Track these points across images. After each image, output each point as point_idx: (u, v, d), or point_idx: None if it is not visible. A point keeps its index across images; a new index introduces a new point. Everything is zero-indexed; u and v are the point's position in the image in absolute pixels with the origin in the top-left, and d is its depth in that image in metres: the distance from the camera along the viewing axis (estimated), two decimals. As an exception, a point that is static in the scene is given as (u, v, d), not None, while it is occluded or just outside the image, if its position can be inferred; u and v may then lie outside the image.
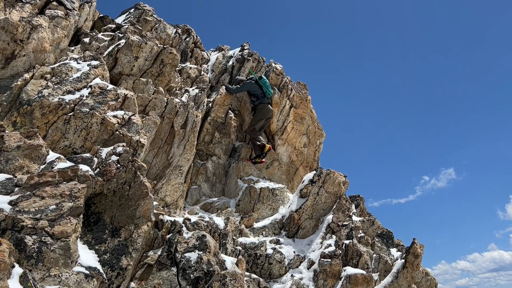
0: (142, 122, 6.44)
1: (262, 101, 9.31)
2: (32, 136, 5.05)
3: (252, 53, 10.70)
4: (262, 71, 10.57)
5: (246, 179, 8.65)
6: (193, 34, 11.02)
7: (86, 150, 5.69)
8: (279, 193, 8.34)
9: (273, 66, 10.35)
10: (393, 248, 8.87)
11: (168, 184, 7.17)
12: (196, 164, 8.53)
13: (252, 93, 9.34)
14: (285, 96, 10.02)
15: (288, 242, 7.34)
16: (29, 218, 4.13)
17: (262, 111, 9.25)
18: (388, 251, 8.54)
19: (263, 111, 9.26)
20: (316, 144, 10.90)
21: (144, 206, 5.16)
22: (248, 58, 10.43)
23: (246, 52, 10.67)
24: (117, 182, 5.13)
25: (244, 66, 10.31)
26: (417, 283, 7.83)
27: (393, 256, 8.21)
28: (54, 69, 6.33)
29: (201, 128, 8.67)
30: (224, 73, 10.45)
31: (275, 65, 10.44)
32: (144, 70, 7.81)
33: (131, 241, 4.91)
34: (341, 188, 7.91)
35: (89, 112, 5.86)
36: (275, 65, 10.45)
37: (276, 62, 10.61)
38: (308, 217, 7.60)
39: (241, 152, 9.13)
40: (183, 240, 5.48)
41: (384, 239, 8.92)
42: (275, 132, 9.84)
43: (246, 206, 8.09)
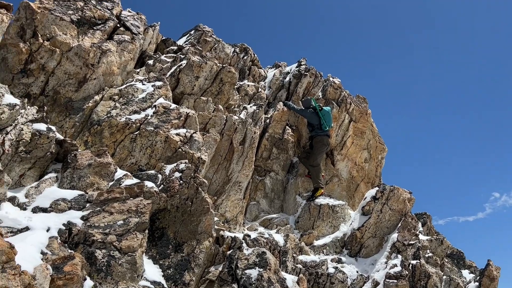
0: (203, 139, 6.60)
1: (318, 133, 8.87)
2: (101, 154, 5.34)
3: (309, 68, 10.66)
4: (320, 86, 10.48)
5: (305, 195, 8.54)
6: (251, 52, 11.21)
7: (151, 167, 5.92)
8: (340, 210, 8.11)
9: (331, 81, 10.23)
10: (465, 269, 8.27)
11: (227, 200, 7.24)
12: (255, 180, 8.56)
13: (309, 122, 9.04)
14: (344, 111, 9.83)
15: (351, 261, 7.09)
16: (99, 233, 4.33)
17: (320, 146, 8.81)
18: (460, 273, 7.98)
19: (322, 146, 8.82)
20: (377, 159, 10.54)
21: (206, 221, 5.23)
22: (305, 74, 10.40)
23: (303, 67, 10.65)
24: (180, 198, 5.26)
25: (301, 82, 10.29)
26: (494, 309, 7.21)
27: (465, 279, 7.65)
28: (122, 91, 6.69)
29: (259, 144, 8.72)
30: (281, 89, 10.49)
31: (333, 79, 10.32)
32: (205, 89, 8.04)
33: (193, 256, 4.98)
34: (406, 205, 7.54)
35: (153, 131, 6.11)
36: (333, 79, 10.32)
37: (334, 76, 10.48)
38: (371, 235, 7.30)
39: (299, 168, 9.04)
40: (243, 256, 5.47)
41: (455, 259, 8.36)
42: (334, 147, 9.65)
43: (305, 223, 7.96)
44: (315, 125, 8.91)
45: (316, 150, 8.79)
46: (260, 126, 8.85)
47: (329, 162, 9.50)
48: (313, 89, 10.48)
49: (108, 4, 7.54)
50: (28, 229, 4.09)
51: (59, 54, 6.18)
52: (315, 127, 8.90)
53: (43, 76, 6.07)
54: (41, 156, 4.96)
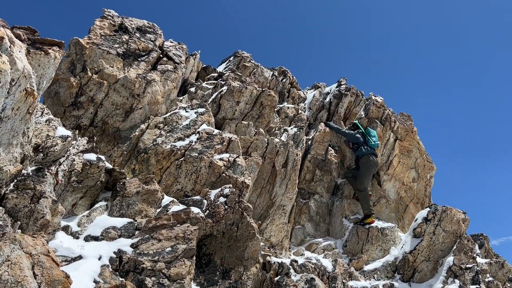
0: (245, 163, 6.60)
1: (365, 153, 8.53)
2: (149, 181, 5.45)
3: (350, 87, 10.53)
4: (362, 105, 10.30)
5: (351, 218, 8.27)
6: (289, 75, 11.25)
7: (196, 193, 5.97)
8: (389, 232, 7.79)
9: (373, 99, 10.03)
10: (532, 295, 7.64)
11: (272, 224, 7.15)
12: (299, 203, 8.42)
13: (354, 141, 8.74)
14: (388, 129, 9.57)
15: (404, 286, 6.74)
16: (148, 260, 4.36)
17: (368, 167, 8.43)
18: (525, 299, 7.38)
19: (369, 166, 8.44)
20: (426, 178, 10.11)
21: (252, 247, 5.17)
22: (345, 93, 10.27)
23: (343, 87, 10.53)
24: (225, 223, 5.23)
25: (342, 102, 10.16)
26: None
27: (532, 306, 7.06)
28: (166, 119, 6.86)
29: (301, 166, 8.60)
30: (321, 110, 10.40)
31: (375, 97, 10.11)
32: (245, 113, 8.10)
33: (241, 283, 4.91)
34: (461, 226, 7.13)
35: (198, 157, 6.18)
36: (375, 97, 10.12)
37: (376, 95, 10.27)
38: (425, 259, 6.93)
39: (344, 190, 8.81)
40: (291, 283, 5.34)
41: (519, 284, 7.74)
42: (380, 167, 9.36)
43: (354, 247, 7.68)
44: (360, 142, 8.64)
45: (363, 171, 8.40)
46: (302, 148, 8.75)
47: (375, 182, 9.21)
48: (355, 108, 10.31)
49: (151, 36, 7.84)
50: (81, 258, 4.18)
51: (106, 86, 6.45)
52: (360, 144, 8.61)
53: (92, 107, 6.33)
54: (92, 185, 5.12)
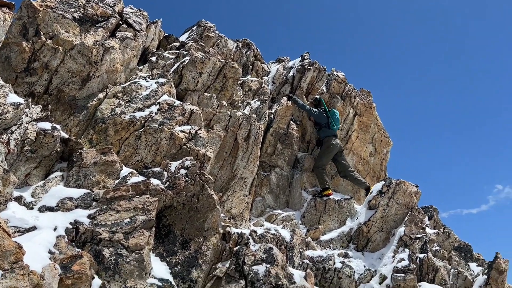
0: (207, 136, 6.57)
1: (327, 134, 8.84)
2: (107, 152, 5.33)
3: (313, 62, 10.59)
4: (324, 80, 10.42)
5: (310, 190, 8.50)
6: (253, 47, 11.15)
7: (156, 165, 5.91)
8: (346, 204, 8.08)
9: (335, 75, 10.17)
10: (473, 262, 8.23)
11: (233, 196, 7.22)
12: (260, 176, 8.53)
13: (317, 121, 9.02)
14: (348, 104, 9.78)
15: (357, 255, 7.07)
16: (106, 231, 4.33)
17: (329, 147, 8.71)
18: (467, 266, 7.94)
19: (331, 147, 8.71)
20: (383, 153, 10.49)
21: (212, 218, 5.22)
22: (308, 68, 10.33)
23: (306, 62, 10.58)
24: (186, 195, 5.24)
25: (305, 76, 10.22)
26: (503, 302, 7.18)
27: (473, 272, 7.62)
28: (125, 88, 6.67)
29: (263, 140, 8.68)
30: (284, 84, 10.43)
31: (337, 73, 10.25)
32: (208, 85, 8.00)
33: (200, 253, 4.97)
34: (413, 199, 7.50)
35: (158, 128, 6.09)
36: (337, 73, 10.25)
37: (338, 70, 10.41)
38: (378, 229, 7.27)
39: (304, 163, 9.00)
40: (250, 252, 5.45)
41: (462, 253, 8.32)
42: (339, 142, 9.59)
43: (311, 218, 7.93)
44: (322, 123, 8.90)
45: (324, 151, 8.74)
46: (265, 122, 8.80)
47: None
48: (317, 83, 10.42)
49: (110, 1, 7.50)
50: (35, 229, 4.09)
51: (62, 53, 6.16)
52: (323, 125, 8.89)
53: (47, 74, 6.05)
54: (47, 155, 4.95)
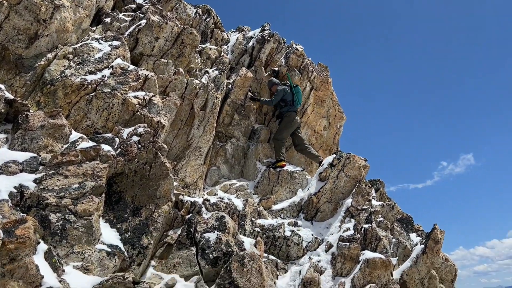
0: (162, 103, 6.46)
1: (290, 109, 9.04)
2: (55, 115, 5.13)
3: (273, 34, 10.54)
4: (283, 52, 10.43)
5: (265, 161, 8.65)
6: (213, 14, 10.90)
7: (108, 130, 5.76)
8: (298, 176, 8.31)
9: (294, 48, 10.19)
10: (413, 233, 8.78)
11: (188, 165, 7.21)
12: (215, 145, 8.55)
13: (284, 98, 9.11)
14: (305, 78, 9.89)
15: (306, 224, 7.34)
16: (53, 196, 4.22)
17: (291, 122, 8.94)
18: (408, 236, 8.47)
19: (293, 123, 8.97)
20: (336, 127, 10.77)
21: (165, 186, 5.21)
22: (268, 39, 10.28)
23: (266, 33, 10.52)
24: (138, 162, 5.18)
25: (264, 47, 10.18)
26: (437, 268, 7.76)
27: (412, 241, 8.13)
28: (76, 49, 6.37)
29: (220, 109, 8.65)
30: (244, 54, 10.35)
31: (296, 46, 10.28)
32: (165, 51, 7.79)
33: (151, 220, 4.98)
34: (361, 172, 7.82)
35: (110, 93, 5.91)
36: (296, 46, 10.28)
37: (297, 43, 10.43)
38: (327, 200, 7.56)
39: (260, 135, 9.10)
40: (202, 220, 5.53)
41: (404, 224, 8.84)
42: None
43: (264, 188, 8.10)
44: (288, 101, 9.10)
45: (285, 126, 8.94)
46: (222, 92, 8.75)
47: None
48: (276, 55, 10.42)
49: (61, -45, 7.02)
50: (-24, 192, 3.92)
51: (7, 7, 5.76)
52: (289, 103, 9.09)
53: (-11, 30, 5.65)
54: (-11, 116, 4.70)
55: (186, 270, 5.02)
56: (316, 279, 6.04)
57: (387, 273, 6.05)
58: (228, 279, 4.74)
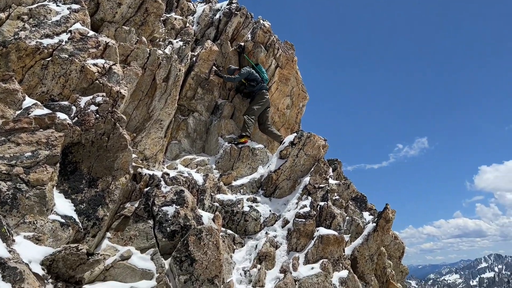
0: (123, 73, 6.26)
1: (262, 88, 9.16)
2: (7, 79, 4.87)
3: (240, 7, 10.38)
4: (250, 27, 10.31)
5: (227, 137, 8.65)
6: (180, -17, 10.55)
7: (64, 98, 5.53)
8: (259, 153, 8.38)
9: (261, 23, 10.10)
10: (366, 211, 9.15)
11: (147, 138, 7.09)
12: (177, 119, 8.44)
13: (251, 78, 9.14)
14: (271, 55, 9.86)
15: (265, 201, 7.47)
16: (3, 164, 4.06)
17: (263, 100, 9.09)
18: (361, 214, 8.82)
19: (265, 100, 9.12)
20: (299, 107, 10.89)
21: (123, 158, 5.12)
22: (235, 13, 10.12)
23: (234, 6, 10.33)
24: (95, 133, 5.04)
25: (231, 21, 10.02)
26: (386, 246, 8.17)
27: (365, 219, 8.49)
28: (32, 10, 6.01)
29: (183, 82, 8.50)
30: (210, 26, 10.15)
31: (263, 22, 10.18)
32: (127, 18, 7.50)
33: (108, 192, 4.90)
34: (320, 151, 7.99)
35: (68, 59, 5.65)
36: (263, 22, 10.19)
37: (264, 19, 10.34)
38: (286, 178, 7.70)
39: (224, 110, 9.06)
40: (161, 194, 5.50)
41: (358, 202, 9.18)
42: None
43: (225, 164, 8.13)
44: (258, 79, 9.18)
45: (256, 102, 9.04)
46: (186, 64, 8.58)
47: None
48: (243, 30, 10.29)
49: None
50: None
51: (-47, -41, 5.33)
52: (259, 81, 9.11)
53: None
54: None
55: (142, 242, 5.01)
56: (272, 253, 6.21)
57: (339, 249, 6.31)
58: (184, 252, 4.78)
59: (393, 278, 7.63)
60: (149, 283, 4.60)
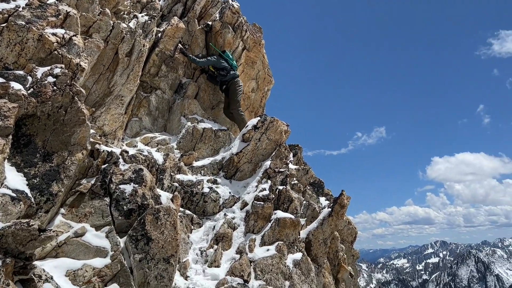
0: (84, 45, 6.03)
1: (235, 76, 9.19)
2: (-44, 43, 4.57)
3: (210, -14, 10.17)
4: (218, 7, 10.15)
5: (190, 117, 8.56)
6: (148, -45, 10.18)
7: (20, 67, 5.27)
8: (222, 135, 8.37)
9: (230, 4, 9.96)
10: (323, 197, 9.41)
11: (107, 113, 6.91)
12: (139, 96, 8.25)
13: (220, 67, 9.10)
14: (238, 37, 9.78)
15: (225, 182, 7.51)
16: (-50, 134, 3.84)
17: (240, 87, 9.22)
18: (318, 199, 9.06)
19: (240, 90, 9.23)
20: (264, 91, 10.92)
21: (80, 133, 4.97)
22: (204, -9, 9.91)
23: (203, -17, 10.10)
24: (52, 106, 4.85)
25: (199, -1, 9.81)
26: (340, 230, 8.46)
27: (321, 204, 8.73)
28: (-15, -29, 5.63)
29: (147, 58, 8.30)
30: (177, 2, 9.90)
31: (232, 2, 10.05)
32: (90, -13, 7.18)
33: (63, 167, 4.76)
34: (282, 136, 8.09)
35: (25, 26, 5.36)
36: (232, 2, 10.06)
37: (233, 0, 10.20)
38: (247, 161, 7.76)
39: (188, 89, 8.94)
40: (119, 171, 5.41)
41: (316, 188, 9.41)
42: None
43: (187, 144, 8.07)
44: (227, 67, 9.15)
45: (235, 93, 9.10)
46: (151, 40, 8.36)
47: (217, 87, 9.54)
48: (211, 8, 10.12)
49: None
50: None
51: None
52: (228, 70, 9.05)
53: None
54: None
55: (97, 220, 4.93)
56: (229, 235, 6.29)
57: (295, 232, 6.47)
58: (141, 231, 4.75)
59: (345, 262, 7.95)
60: (103, 260, 4.55)
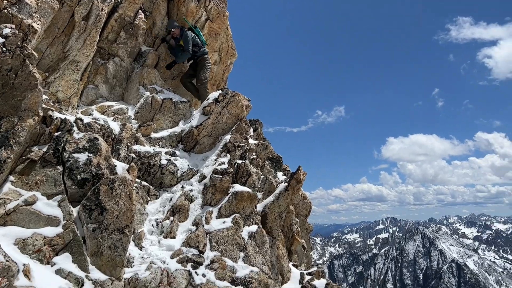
0: (37, 5, 5.69)
1: (205, 52, 9.15)
2: None
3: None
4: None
5: (149, 87, 8.34)
6: None
7: (-36, 25, 4.92)
8: (182, 107, 8.26)
9: (195, -28, 9.64)
10: (280, 172, 9.59)
11: (61, 79, 6.62)
12: (96, 62, 7.93)
13: (195, 43, 9.01)
14: (202, 7, 9.54)
15: (184, 155, 7.47)
16: None
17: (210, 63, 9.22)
18: (275, 174, 9.23)
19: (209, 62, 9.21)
20: (226, 64, 10.80)
21: (32, 98, 4.76)
22: (168, -44, 9.52)
23: None
24: (1, 68, 4.60)
25: (163, -36, 9.42)
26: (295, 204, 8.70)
27: (278, 179, 8.91)
28: None
29: (105, 24, 7.94)
30: (139, -33, 9.45)
31: (196, -30, 9.73)
32: None
33: (13, 133, 4.56)
34: (243, 111, 8.09)
35: (-31, -20, 4.98)
36: (197, -30, 9.74)
37: (198, -32, 9.87)
38: (207, 134, 7.73)
39: (148, 58, 8.67)
40: (72, 140, 5.25)
41: (274, 163, 9.57)
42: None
43: (145, 115, 7.89)
44: (199, 43, 9.08)
45: (205, 68, 9.09)
46: (110, 4, 7.98)
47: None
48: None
49: None
50: None
51: None
52: (199, 45, 9.10)
53: None
54: None
55: (49, 188, 4.80)
56: (186, 207, 6.32)
57: (251, 205, 6.59)
58: (95, 201, 4.68)
59: (298, 235, 8.21)
60: (54, 229, 4.47)
